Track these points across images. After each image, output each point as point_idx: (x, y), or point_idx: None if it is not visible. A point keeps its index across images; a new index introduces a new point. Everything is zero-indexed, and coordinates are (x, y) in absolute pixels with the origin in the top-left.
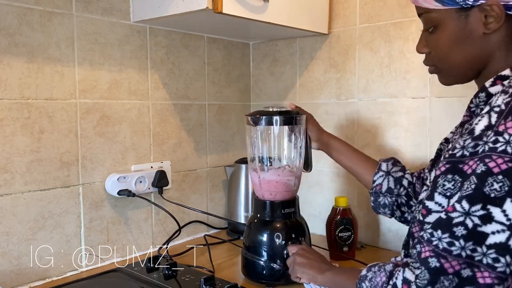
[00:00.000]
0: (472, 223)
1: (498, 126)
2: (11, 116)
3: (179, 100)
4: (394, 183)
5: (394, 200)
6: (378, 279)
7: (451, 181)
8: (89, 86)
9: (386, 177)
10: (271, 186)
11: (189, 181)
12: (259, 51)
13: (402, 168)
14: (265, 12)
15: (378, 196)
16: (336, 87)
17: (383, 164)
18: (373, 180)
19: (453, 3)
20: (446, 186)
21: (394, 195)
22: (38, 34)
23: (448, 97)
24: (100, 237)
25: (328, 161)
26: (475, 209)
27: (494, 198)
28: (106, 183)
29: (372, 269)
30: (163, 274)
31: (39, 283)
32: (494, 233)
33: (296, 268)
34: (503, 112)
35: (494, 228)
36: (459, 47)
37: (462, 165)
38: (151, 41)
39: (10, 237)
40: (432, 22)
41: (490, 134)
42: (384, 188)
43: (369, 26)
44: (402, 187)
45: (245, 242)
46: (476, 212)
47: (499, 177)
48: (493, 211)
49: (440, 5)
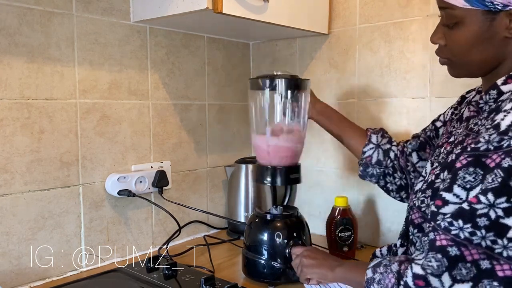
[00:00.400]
0: (495, 214)
1: None
2: (11, 116)
3: (179, 100)
4: (383, 156)
5: (381, 171)
6: (387, 281)
7: (472, 174)
8: (89, 86)
9: (376, 149)
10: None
11: (189, 181)
12: (259, 51)
13: (389, 140)
14: (265, 12)
15: (367, 167)
16: (336, 87)
17: (373, 136)
18: (363, 151)
19: (482, 5)
20: (466, 178)
21: (382, 167)
22: (38, 34)
23: (448, 97)
24: (100, 237)
25: (328, 161)
26: (500, 201)
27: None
28: (106, 183)
29: (378, 270)
30: (163, 274)
31: (39, 283)
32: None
33: (305, 270)
34: None
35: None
36: (478, 46)
37: (485, 159)
38: (151, 41)
39: (10, 237)
40: (455, 18)
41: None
42: (374, 160)
43: (369, 26)
44: (389, 159)
45: (245, 242)
46: (501, 204)
47: None
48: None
49: (468, 5)
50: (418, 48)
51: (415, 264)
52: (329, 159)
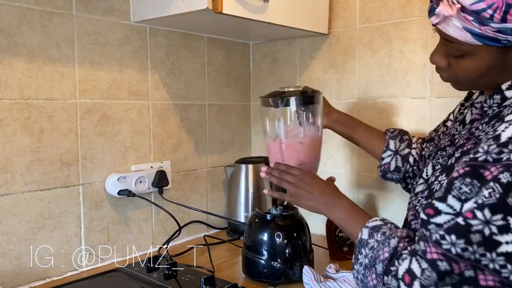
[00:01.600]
0: (489, 231)
1: None
2: (11, 116)
3: (179, 100)
4: (402, 162)
5: (401, 176)
6: (380, 253)
7: (468, 185)
8: (89, 86)
9: (394, 156)
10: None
11: (189, 181)
12: (259, 51)
13: (409, 143)
14: (265, 12)
15: (386, 173)
16: (336, 87)
17: (391, 142)
18: (381, 157)
19: (496, 43)
20: (462, 189)
21: (401, 173)
22: (38, 34)
23: (448, 97)
24: (100, 237)
25: (328, 161)
26: (496, 218)
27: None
28: (106, 183)
29: (375, 236)
30: (163, 274)
31: (39, 283)
32: (508, 243)
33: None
34: None
35: (509, 238)
36: (490, 74)
37: (483, 170)
38: (151, 41)
39: (10, 237)
40: (463, 51)
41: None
42: (392, 167)
43: (369, 26)
44: (408, 164)
45: (245, 242)
46: (496, 221)
47: None
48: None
49: (479, 43)
50: (418, 48)
51: (415, 261)
52: (330, 159)
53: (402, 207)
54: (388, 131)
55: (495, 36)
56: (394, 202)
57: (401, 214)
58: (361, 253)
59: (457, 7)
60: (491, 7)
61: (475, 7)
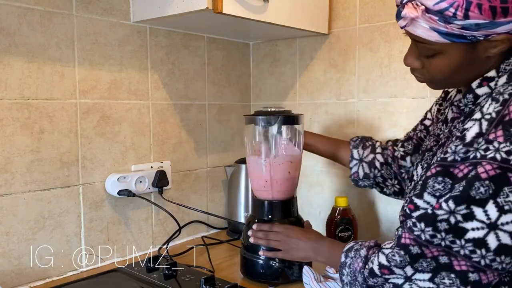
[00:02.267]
0: (455, 219)
1: (488, 134)
2: (11, 116)
3: (179, 100)
4: (369, 168)
5: (372, 182)
6: (356, 265)
7: (441, 183)
8: (89, 86)
9: (360, 164)
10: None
11: (189, 181)
12: (259, 51)
13: (372, 148)
14: (265, 12)
15: (357, 182)
16: (336, 87)
17: (354, 151)
18: (350, 167)
19: (463, 40)
20: (436, 187)
21: (371, 178)
22: (38, 34)
23: None
24: (100, 237)
25: (328, 161)
26: (460, 209)
27: (479, 200)
28: (106, 183)
29: (349, 255)
30: (163, 274)
31: (39, 283)
32: (474, 230)
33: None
34: (494, 121)
35: (474, 225)
36: (461, 71)
37: (453, 169)
38: (151, 41)
39: (10, 237)
40: (433, 51)
41: (481, 142)
42: (361, 175)
43: (369, 26)
44: (376, 169)
45: (243, 242)
46: (460, 211)
47: (486, 182)
48: (475, 210)
49: (447, 41)
50: None
51: (381, 254)
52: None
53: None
54: (352, 140)
55: (460, 33)
56: (395, 202)
57: None
58: (343, 274)
59: (421, 8)
60: (452, 6)
61: (438, 7)
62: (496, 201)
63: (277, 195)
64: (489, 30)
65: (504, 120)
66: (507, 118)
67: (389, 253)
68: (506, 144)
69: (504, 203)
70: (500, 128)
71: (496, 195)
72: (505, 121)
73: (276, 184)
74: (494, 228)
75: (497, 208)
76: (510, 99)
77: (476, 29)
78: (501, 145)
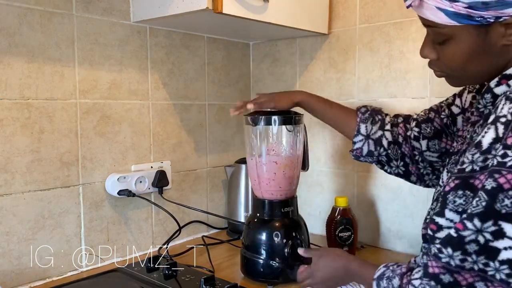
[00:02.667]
0: (484, 239)
1: (506, 138)
2: (11, 116)
3: (179, 100)
4: (374, 145)
5: (375, 159)
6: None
7: (462, 196)
8: (89, 86)
9: (366, 141)
10: (270, 185)
11: (189, 181)
12: (259, 51)
13: (382, 124)
14: (265, 12)
15: (358, 157)
16: (336, 87)
17: (362, 126)
18: (353, 141)
19: (472, 21)
20: (457, 202)
21: (374, 156)
22: (38, 34)
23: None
24: (100, 237)
25: (328, 161)
26: (487, 226)
27: (505, 214)
28: (106, 183)
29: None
30: (163, 274)
31: (39, 283)
32: (506, 249)
33: None
34: (510, 123)
35: (506, 244)
36: (476, 59)
37: (473, 180)
38: (151, 41)
39: (10, 237)
40: (444, 36)
41: (498, 148)
42: (365, 151)
43: (369, 26)
44: (382, 147)
45: (244, 241)
46: (488, 228)
47: (509, 193)
48: (505, 227)
49: (455, 23)
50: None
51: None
52: (330, 159)
53: (403, 207)
54: (360, 112)
55: (468, 13)
56: (395, 202)
57: (401, 214)
58: None
59: None
60: None
61: None
62: None
63: (277, 195)
64: (499, 11)
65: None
66: None
67: (419, 286)
68: None
69: None
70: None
71: None
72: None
73: (276, 184)
74: None
75: None
76: None
77: (484, 9)
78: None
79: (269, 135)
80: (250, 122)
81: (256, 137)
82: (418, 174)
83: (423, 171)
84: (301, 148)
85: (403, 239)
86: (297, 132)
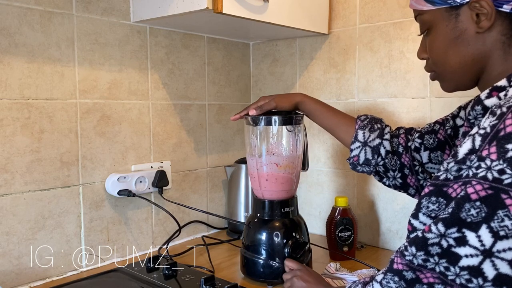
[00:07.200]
0: (447, 243)
1: (482, 150)
2: (11, 116)
3: (179, 100)
4: (372, 153)
5: (372, 169)
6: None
7: (435, 203)
8: (89, 86)
9: (363, 148)
10: (270, 185)
11: (189, 181)
12: (259, 51)
13: (380, 133)
14: (265, 12)
15: (355, 166)
16: (336, 87)
17: (359, 132)
18: (350, 149)
19: (443, 3)
20: (430, 207)
21: (372, 165)
22: (38, 34)
23: (448, 97)
24: (100, 237)
25: (328, 161)
26: (451, 232)
27: (470, 223)
28: (106, 183)
29: None
30: (163, 274)
31: (39, 283)
32: (467, 256)
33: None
34: (488, 136)
35: (467, 251)
36: (453, 48)
37: (446, 188)
38: (151, 41)
39: (10, 237)
40: (426, 24)
41: (473, 159)
42: (362, 159)
43: (369, 26)
44: (379, 156)
45: (244, 241)
46: (452, 234)
47: (476, 204)
48: (468, 235)
49: (431, 6)
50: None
51: (375, 282)
52: (330, 159)
53: (403, 207)
54: (359, 119)
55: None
56: (395, 202)
57: (401, 214)
58: None
59: None
60: None
61: None
62: (490, 226)
63: (277, 195)
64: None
65: (499, 135)
66: (502, 133)
67: (382, 280)
68: (499, 162)
69: (499, 228)
70: (494, 144)
71: (489, 219)
72: (499, 137)
73: (276, 184)
74: (489, 255)
75: (492, 233)
76: (507, 112)
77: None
78: (494, 163)
79: (269, 135)
80: (251, 122)
81: (256, 137)
82: (417, 186)
83: (423, 182)
84: (301, 148)
85: (403, 239)
86: (297, 132)
